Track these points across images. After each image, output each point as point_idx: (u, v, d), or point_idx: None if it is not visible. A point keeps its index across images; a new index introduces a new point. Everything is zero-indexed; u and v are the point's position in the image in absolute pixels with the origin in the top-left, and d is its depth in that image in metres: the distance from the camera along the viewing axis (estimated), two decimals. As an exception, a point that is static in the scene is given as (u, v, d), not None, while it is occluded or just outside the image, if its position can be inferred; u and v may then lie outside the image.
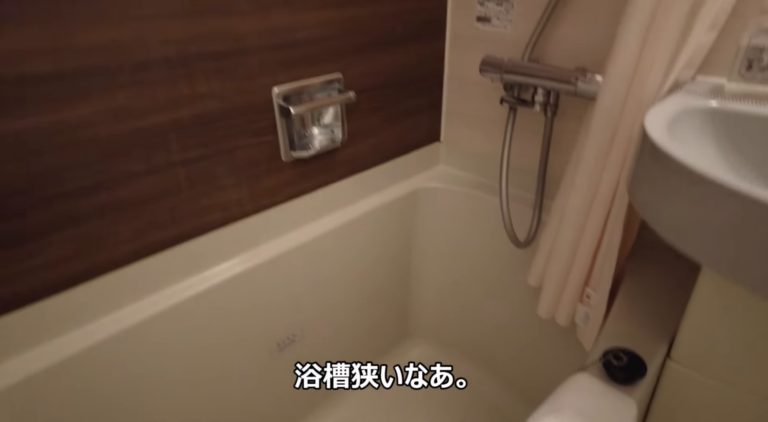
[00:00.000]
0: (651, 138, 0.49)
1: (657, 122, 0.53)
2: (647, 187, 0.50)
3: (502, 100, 0.88)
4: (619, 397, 0.55)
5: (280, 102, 0.76)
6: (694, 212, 0.44)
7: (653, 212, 0.49)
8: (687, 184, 0.44)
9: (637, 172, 0.53)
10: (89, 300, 0.64)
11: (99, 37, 0.55)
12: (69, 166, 0.57)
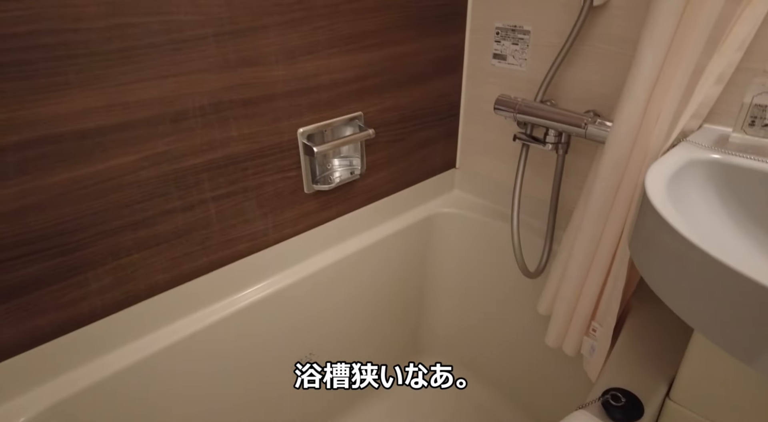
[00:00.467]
0: (650, 200, 0.52)
1: (657, 183, 0.56)
2: (644, 245, 0.54)
3: (515, 137, 0.91)
4: (616, 437, 0.58)
5: (304, 141, 0.81)
6: (683, 277, 0.47)
7: (648, 269, 0.53)
8: (679, 251, 0.47)
9: (636, 228, 0.56)
10: (129, 323, 0.70)
11: (144, 93, 0.61)
12: (114, 207, 0.63)
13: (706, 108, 0.71)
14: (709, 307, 0.45)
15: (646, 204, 0.53)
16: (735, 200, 0.64)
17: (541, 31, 0.90)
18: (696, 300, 0.46)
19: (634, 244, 0.57)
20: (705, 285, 0.44)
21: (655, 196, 0.52)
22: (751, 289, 0.40)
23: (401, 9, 0.86)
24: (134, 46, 0.58)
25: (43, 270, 0.60)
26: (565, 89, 0.90)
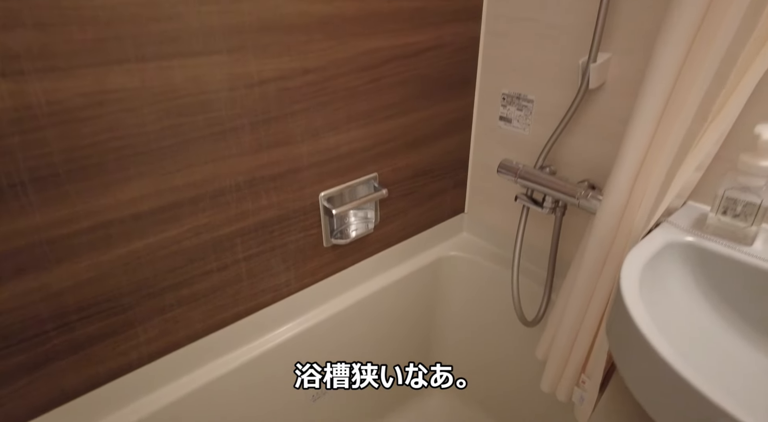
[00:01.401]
0: (623, 298, 0.60)
1: (631, 278, 0.63)
2: (617, 335, 0.62)
3: (517, 198, 1.00)
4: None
5: (324, 203, 0.91)
6: (647, 376, 0.55)
7: (619, 358, 0.61)
8: (645, 354, 0.55)
9: (611, 318, 0.64)
10: (170, 367, 0.81)
11: (190, 178, 0.71)
12: (161, 272, 0.74)
13: (688, 190, 0.79)
14: (667, 409, 0.52)
15: (619, 300, 0.61)
16: (707, 280, 0.71)
17: (544, 101, 0.98)
18: (656, 399, 0.53)
19: (610, 332, 0.64)
20: (664, 390, 0.52)
21: (628, 295, 0.60)
22: (706, 406, 0.47)
23: (417, 83, 0.96)
24: (183, 141, 0.69)
25: (102, 327, 0.71)
26: (564, 156, 0.98)
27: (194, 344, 0.83)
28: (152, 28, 0.61)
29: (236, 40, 0.68)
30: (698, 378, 0.48)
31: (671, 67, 0.66)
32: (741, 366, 0.65)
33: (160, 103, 0.65)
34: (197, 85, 0.67)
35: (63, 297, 0.66)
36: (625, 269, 0.64)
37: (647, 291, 0.66)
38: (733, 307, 0.69)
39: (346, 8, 0.79)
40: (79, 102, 0.58)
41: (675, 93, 0.67)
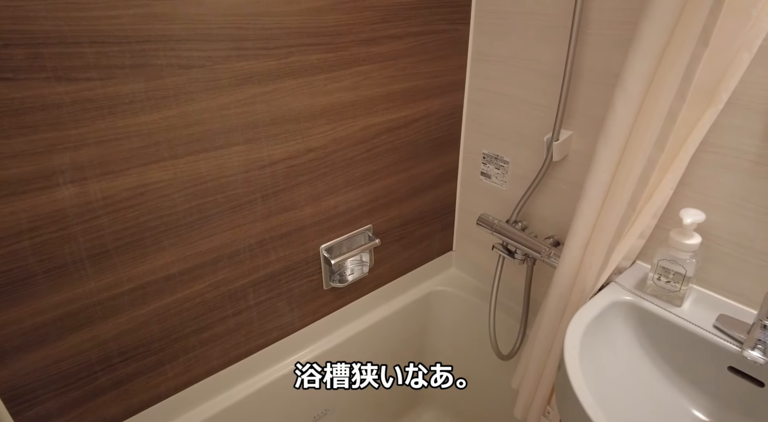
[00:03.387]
0: (565, 364, 0.73)
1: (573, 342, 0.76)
2: (560, 393, 0.75)
3: (494, 247, 1.13)
4: None
5: (324, 254, 1.05)
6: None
7: (561, 406, 0.74)
8: (575, 407, 0.68)
9: (558, 377, 0.78)
10: (192, 397, 0.96)
11: (211, 244, 0.86)
12: (186, 320, 0.89)
13: (633, 254, 0.92)
14: None
15: (562, 362, 0.74)
16: (645, 334, 0.84)
17: (518, 164, 1.12)
18: None
19: (557, 379, 0.78)
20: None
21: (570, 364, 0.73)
22: None
23: (407, 148, 1.10)
24: (206, 216, 0.83)
25: (138, 367, 0.86)
26: (535, 212, 1.12)
27: (212, 377, 0.98)
28: (182, 133, 0.75)
29: (251, 133, 0.83)
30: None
31: (610, 162, 0.79)
32: (666, 408, 0.78)
33: (188, 189, 0.79)
34: (219, 171, 0.82)
35: (108, 344, 0.81)
36: (568, 336, 0.77)
37: (591, 346, 0.80)
38: (665, 358, 0.83)
39: (345, 97, 0.93)
40: (125, 195, 0.73)
41: (613, 186, 0.81)
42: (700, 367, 0.79)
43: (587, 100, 0.94)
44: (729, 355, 0.75)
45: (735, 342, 0.75)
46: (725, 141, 0.77)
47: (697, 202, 0.83)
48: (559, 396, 0.75)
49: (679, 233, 0.79)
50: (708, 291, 0.86)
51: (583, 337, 0.77)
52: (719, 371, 0.77)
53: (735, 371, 0.75)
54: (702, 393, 0.79)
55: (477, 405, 1.39)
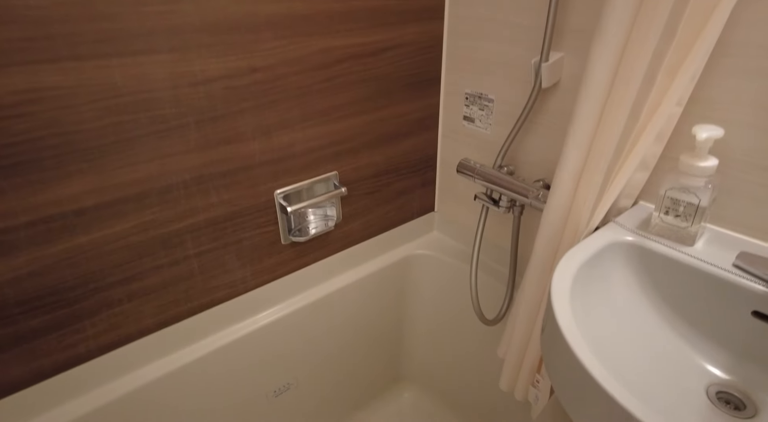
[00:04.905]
0: (550, 299, 0.60)
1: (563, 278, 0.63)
2: (547, 342, 0.61)
3: (476, 197, 1.00)
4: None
5: (280, 201, 0.91)
6: (568, 378, 0.55)
7: (546, 356, 0.61)
8: (564, 351, 0.55)
9: (544, 315, 0.64)
10: (120, 361, 0.82)
11: (133, 175, 0.73)
12: (108, 267, 0.75)
13: (636, 190, 0.78)
14: (576, 401, 0.52)
15: (548, 303, 0.61)
16: (648, 279, 0.71)
17: (503, 101, 0.98)
18: (576, 406, 0.53)
19: (542, 337, 0.64)
20: (582, 396, 0.52)
21: (557, 300, 0.59)
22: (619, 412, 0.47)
23: (376, 82, 0.96)
24: (125, 138, 0.70)
25: (47, 320, 0.72)
26: (522, 155, 0.98)
27: (146, 338, 0.84)
28: (86, 28, 0.62)
29: (177, 40, 0.69)
30: (613, 384, 0.47)
31: (606, 67, 0.65)
32: (672, 364, 0.64)
33: (98, 102, 0.66)
34: (138, 83, 0.68)
35: (2, 290, 0.67)
36: (557, 271, 0.64)
37: (584, 294, 0.66)
38: (674, 308, 0.69)
39: (296, 7, 0.79)
40: (10, 100, 0.59)
41: (612, 91, 0.67)
42: (717, 315, 0.65)
43: (579, 14, 0.80)
44: (753, 297, 0.61)
45: (761, 282, 0.61)
46: (750, 37, 0.63)
47: (713, 121, 0.69)
48: (546, 350, 0.61)
49: (692, 155, 0.66)
50: (724, 230, 0.73)
51: (574, 283, 0.64)
52: (741, 318, 0.63)
53: (760, 316, 0.61)
54: (718, 346, 0.65)
55: (462, 382, 1.25)
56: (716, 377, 0.63)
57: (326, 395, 1.19)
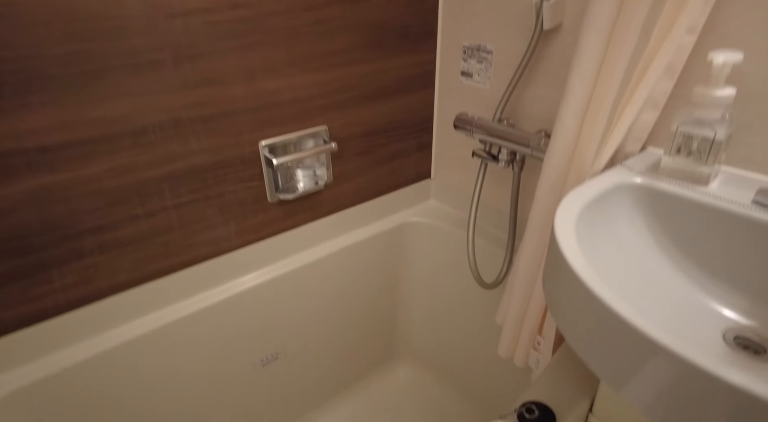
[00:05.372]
0: (554, 233, 0.54)
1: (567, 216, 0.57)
2: (550, 277, 0.56)
3: (474, 154, 0.94)
4: (524, 447, 0.61)
5: (266, 154, 0.86)
6: (574, 308, 0.49)
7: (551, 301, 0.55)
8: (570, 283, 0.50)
9: (547, 257, 0.59)
10: (92, 318, 0.77)
11: (104, 111, 0.67)
12: (78, 213, 0.70)
13: (644, 132, 0.73)
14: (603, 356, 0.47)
15: (552, 239, 0.56)
16: (661, 225, 0.65)
17: (503, 51, 0.93)
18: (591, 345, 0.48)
19: (546, 282, 0.59)
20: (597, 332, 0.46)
21: (561, 233, 0.54)
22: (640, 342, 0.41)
23: (369, 29, 0.91)
24: (91, 70, 0.65)
25: (10, 268, 0.67)
26: (523, 108, 0.93)
27: (121, 295, 0.79)
28: (47, -62, 0.57)
29: (149, -39, 0.64)
30: (629, 310, 0.42)
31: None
32: (687, 310, 0.59)
33: (60, 26, 0.60)
34: (106, 8, 0.63)
35: (-39, 231, 0.62)
36: (560, 210, 0.59)
37: (588, 234, 0.61)
38: (687, 253, 0.64)
39: (279, -62, 0.74)
40: (-39, 13, 0.54)
41: (619, 16, 0.62)
42: (734, 257, 0.60)
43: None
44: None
45: (784, 216, 0.56)
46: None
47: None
48: (552, 293, 0.56)
49: (707, 85, 0.60)
50: (741, 171, 0.68)
51: (578, 223, 0.58)
52: (760, 258, 0.58)
53: (783, 253, 0.56)
54: (735, 289, 0.60)
55: (459, 357, 1.20)
56: (733, 322, 0.58)
57: (318, 368, 1.13)
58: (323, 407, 1.19)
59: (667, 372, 0.39)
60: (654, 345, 0.39)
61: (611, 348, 0.45)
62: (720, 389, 0.36)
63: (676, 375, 0.38)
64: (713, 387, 0.36)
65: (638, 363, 0.41)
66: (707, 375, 0.36)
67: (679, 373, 0.38)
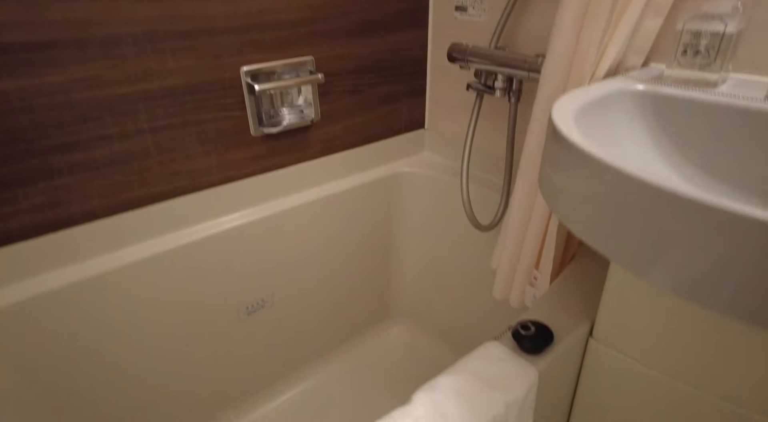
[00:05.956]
0: (552, 120, 0.50)
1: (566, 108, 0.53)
2: (548, 170, 0.51)
3: (469, 86, 0.90)
4: (521, 364, 0.57)
5: (248, 80, 0.82)
6: (577, 189, 0.45)
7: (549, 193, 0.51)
8: (566, 155, 0.45)
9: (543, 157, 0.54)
10: (63, 246, 0.72)
11: (72, 12, 0.63)
12: (43, 126, 0.65)
13: (647, 41, 0.69)
14: (602, 216, 0.42)
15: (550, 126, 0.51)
16: (662, 131, 0.61)
17: (498, -22, 0.88)
18: (589, 210, 0.43)
19: (542, 175, 0.54)
20: (593, 190, 0.42)
21: (559, 117, 0.50)
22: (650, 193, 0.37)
23: (354, -46, 0.86)
24: (58, -36, 0.60)
25: (-31, 180, 0.63)
26: (520, 36, 0.88)
27: (95, 224, 0.74)
28: None
29: None
30: (638, 169, 0.38)
31: None
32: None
33: None
34: None
35: None
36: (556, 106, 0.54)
37: (587, 132, 0.56)
38: (692, 160, 0.59)
39: None
40: None
41: None
42: (747, 159, 0.56)
43: None
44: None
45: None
46: None
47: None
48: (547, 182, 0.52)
49: (716, -26, 0.56)
50: (751, 76, 0.64)
51: (576, 122, 0.54)
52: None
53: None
54: (750, 194, 0.56)
55: (454, 312, 1.16)
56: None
57: (307, 322, 1.09)
58: (314, 364, 1.14)
59: (698, 229, 0.34)
60: (679, 198, 0.35)
61: (627, 220, 0.40)
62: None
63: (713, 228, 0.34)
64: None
65: (659, 227, 0.37)
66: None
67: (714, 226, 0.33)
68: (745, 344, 0.51)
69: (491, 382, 0.55)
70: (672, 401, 0.60)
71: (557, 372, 0.62)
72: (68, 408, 0.78)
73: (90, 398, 0.80)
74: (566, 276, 0.75)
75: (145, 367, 0.85)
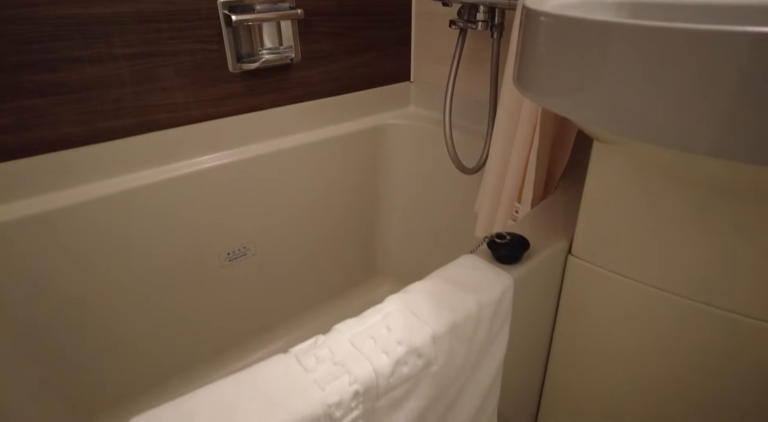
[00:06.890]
0: (526, 6, 0.49)
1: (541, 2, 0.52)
2: (526, 55, 0.50)
3: (451, 23, 0.89)
4: (495, 271, 0.56)
5: (225, 11, 0.80)
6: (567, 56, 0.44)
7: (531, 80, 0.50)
8: (549, 33, 0.44)
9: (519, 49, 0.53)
10: (35, 174, 0.71)
11: None
12: (8, 41, 0.64)
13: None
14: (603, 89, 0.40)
15: (522, 13, 0.50)
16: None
17: None
18: (574, 78, 0.42)
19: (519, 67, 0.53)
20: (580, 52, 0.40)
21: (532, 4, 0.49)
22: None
23: None
24: None
25: (-67, 92, 0.61)
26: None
27: (69, 152, 0.73)
28: None
29: None
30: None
31: None
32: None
33: None
34: None
35: None
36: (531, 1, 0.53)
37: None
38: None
39: None
40: None
41: None
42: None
43: None
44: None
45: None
46: None
47: None
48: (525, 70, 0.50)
49: None
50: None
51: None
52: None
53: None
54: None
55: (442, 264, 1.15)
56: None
57: (291, 275, 1.08)
58: (299, 319, 1.13)
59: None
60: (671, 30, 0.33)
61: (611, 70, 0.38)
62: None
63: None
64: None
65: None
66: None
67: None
68: (714, 244, 0.50)
69: (465, 285, 0.54)
70: (648, 306, 0.58)
71: (535, 283, 0.61)
72: (39, 343, 0.76)
73: (59, 335, 0.78)
74: (547, 202, 0.74)
75: (118, 307, 0.84)
